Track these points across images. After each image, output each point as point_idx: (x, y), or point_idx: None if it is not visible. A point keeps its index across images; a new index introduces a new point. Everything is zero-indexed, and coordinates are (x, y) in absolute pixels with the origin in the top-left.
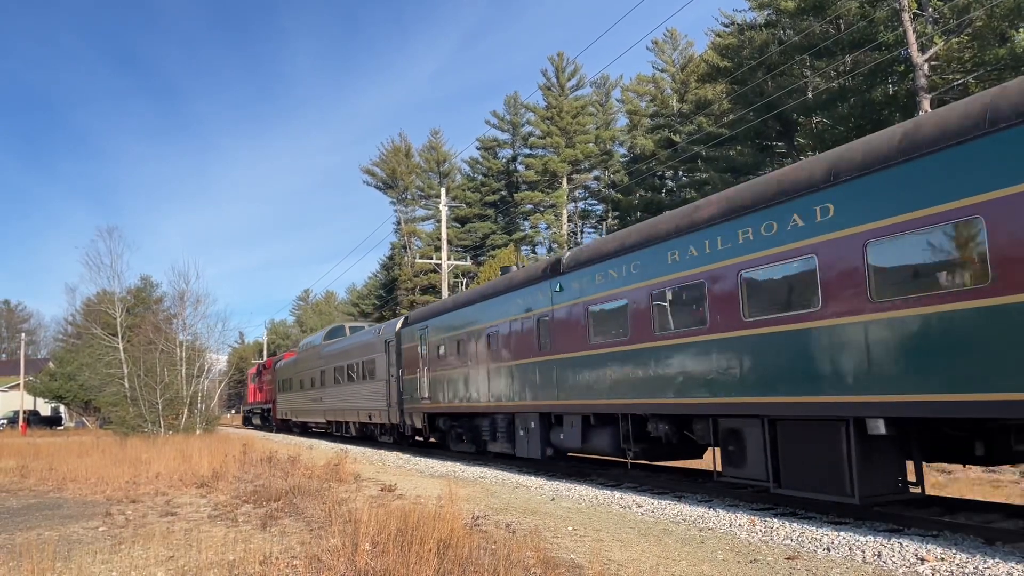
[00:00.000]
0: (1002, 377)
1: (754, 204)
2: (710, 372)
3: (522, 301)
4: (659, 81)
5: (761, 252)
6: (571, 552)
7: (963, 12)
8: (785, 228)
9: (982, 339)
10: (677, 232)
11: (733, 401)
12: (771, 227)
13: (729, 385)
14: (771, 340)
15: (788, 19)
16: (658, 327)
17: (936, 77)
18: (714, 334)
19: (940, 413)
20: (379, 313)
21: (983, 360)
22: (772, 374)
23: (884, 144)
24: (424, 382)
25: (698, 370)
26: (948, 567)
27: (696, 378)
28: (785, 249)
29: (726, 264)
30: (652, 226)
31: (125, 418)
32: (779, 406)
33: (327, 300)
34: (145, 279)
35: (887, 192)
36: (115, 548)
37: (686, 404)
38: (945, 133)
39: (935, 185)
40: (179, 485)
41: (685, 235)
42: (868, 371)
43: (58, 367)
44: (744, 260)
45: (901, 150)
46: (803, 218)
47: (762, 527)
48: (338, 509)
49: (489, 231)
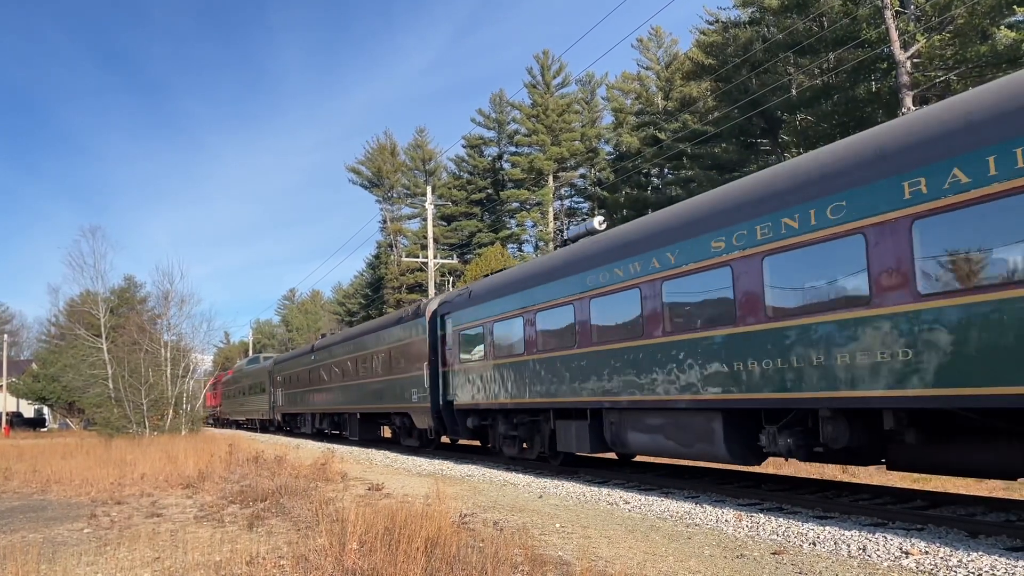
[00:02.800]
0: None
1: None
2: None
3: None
4: (644, 79)
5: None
6: (559, 549)
7: (945, 9)
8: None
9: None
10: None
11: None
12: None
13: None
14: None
15: (772, 17)
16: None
17: (918, 74)
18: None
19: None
20: (366, 312)
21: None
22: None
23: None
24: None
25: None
26: (932, 560)
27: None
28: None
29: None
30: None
31: (110, 419)
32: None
33: (313, 299)
34: (129, 279)
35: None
36: (100, 550)
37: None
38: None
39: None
40: (165, 486)
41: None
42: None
43: (41, 368)
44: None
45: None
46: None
47: (748, 522)
48: (325, 508)
49: (476, 229)
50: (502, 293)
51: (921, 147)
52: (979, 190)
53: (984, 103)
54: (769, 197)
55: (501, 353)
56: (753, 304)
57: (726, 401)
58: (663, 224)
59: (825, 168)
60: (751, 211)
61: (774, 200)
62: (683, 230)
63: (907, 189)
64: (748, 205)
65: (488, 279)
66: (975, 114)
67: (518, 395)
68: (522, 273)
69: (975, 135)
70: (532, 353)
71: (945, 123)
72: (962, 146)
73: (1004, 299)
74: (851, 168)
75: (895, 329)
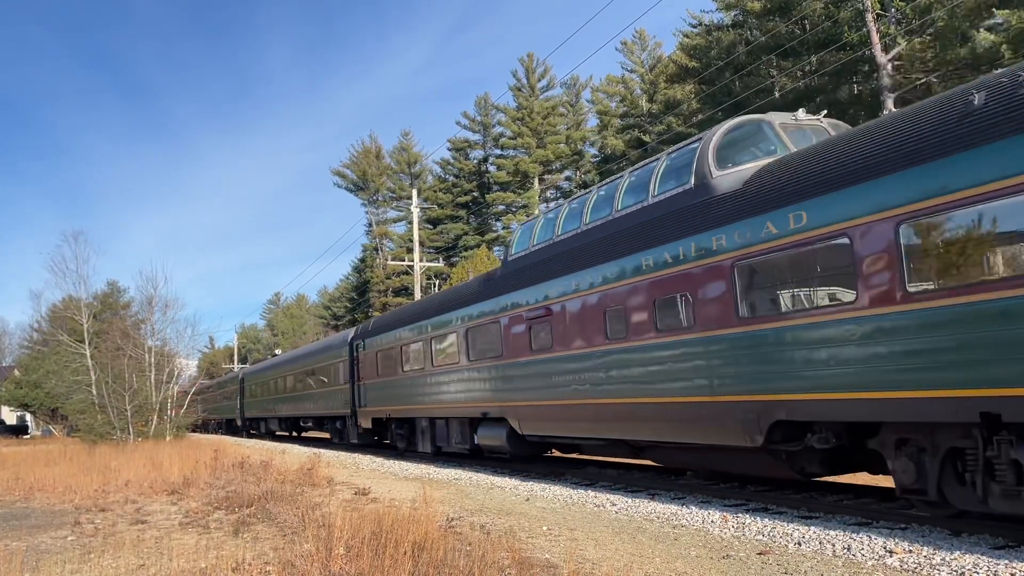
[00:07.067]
0: None
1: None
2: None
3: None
4: (628, 82)
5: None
6: (546, 552)
7: (925, 12)
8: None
9: None
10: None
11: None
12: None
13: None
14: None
15: (755, 20)
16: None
17: (900, 77)
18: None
19: None
20: (351, 316)
21: None
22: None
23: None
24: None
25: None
26: (916, 559)
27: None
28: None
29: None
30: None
31: (93, 425)
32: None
33: (299, 303)
34: (112, 284)
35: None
36: (84, 557)
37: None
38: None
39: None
40: (149, 492)
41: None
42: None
43: (24, 375)
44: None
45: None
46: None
47: (734, 523)
48: (311, 514)
49: (461, 232)
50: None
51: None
52: None
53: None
54: (460, 301)
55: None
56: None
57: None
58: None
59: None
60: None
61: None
62: (437, 308)
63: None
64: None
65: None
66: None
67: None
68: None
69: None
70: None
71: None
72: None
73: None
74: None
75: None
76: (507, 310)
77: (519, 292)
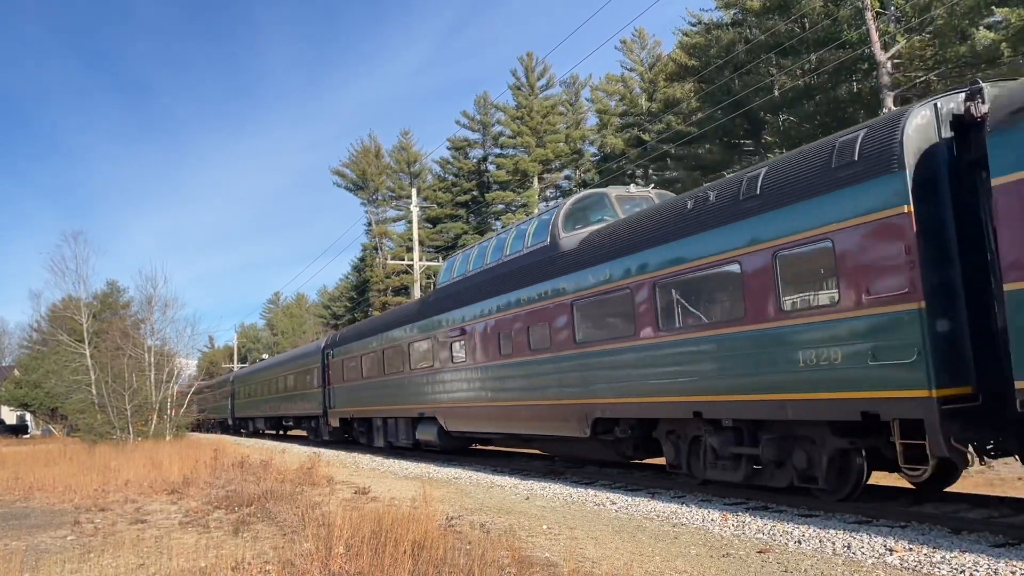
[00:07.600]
0: None
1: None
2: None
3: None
4: (628, 80)
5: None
6: (546, 551)
7: (924, 10)
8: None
9: None
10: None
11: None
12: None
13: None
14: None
15: (754, 18)
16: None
17: (899, 75)
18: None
19: None
20: (351, 315)
21: None
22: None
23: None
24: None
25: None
26: (916, 557)
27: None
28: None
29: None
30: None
31: (93, 425)
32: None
33: (298, 303)
34: (112, 284)
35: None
36: (84, 557)
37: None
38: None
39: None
40: (149, 492)
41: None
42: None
43: (23, 374)
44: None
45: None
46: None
47: (734, 521)
48: (311, 513)
49: (461, 231)
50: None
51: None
52: None
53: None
54: (405, 319)
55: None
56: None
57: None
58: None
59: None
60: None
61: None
62: (388, 324)
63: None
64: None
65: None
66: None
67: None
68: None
69: None
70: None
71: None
72: None
73: None
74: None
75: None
76: (435, 328)
77: (444, 314)
